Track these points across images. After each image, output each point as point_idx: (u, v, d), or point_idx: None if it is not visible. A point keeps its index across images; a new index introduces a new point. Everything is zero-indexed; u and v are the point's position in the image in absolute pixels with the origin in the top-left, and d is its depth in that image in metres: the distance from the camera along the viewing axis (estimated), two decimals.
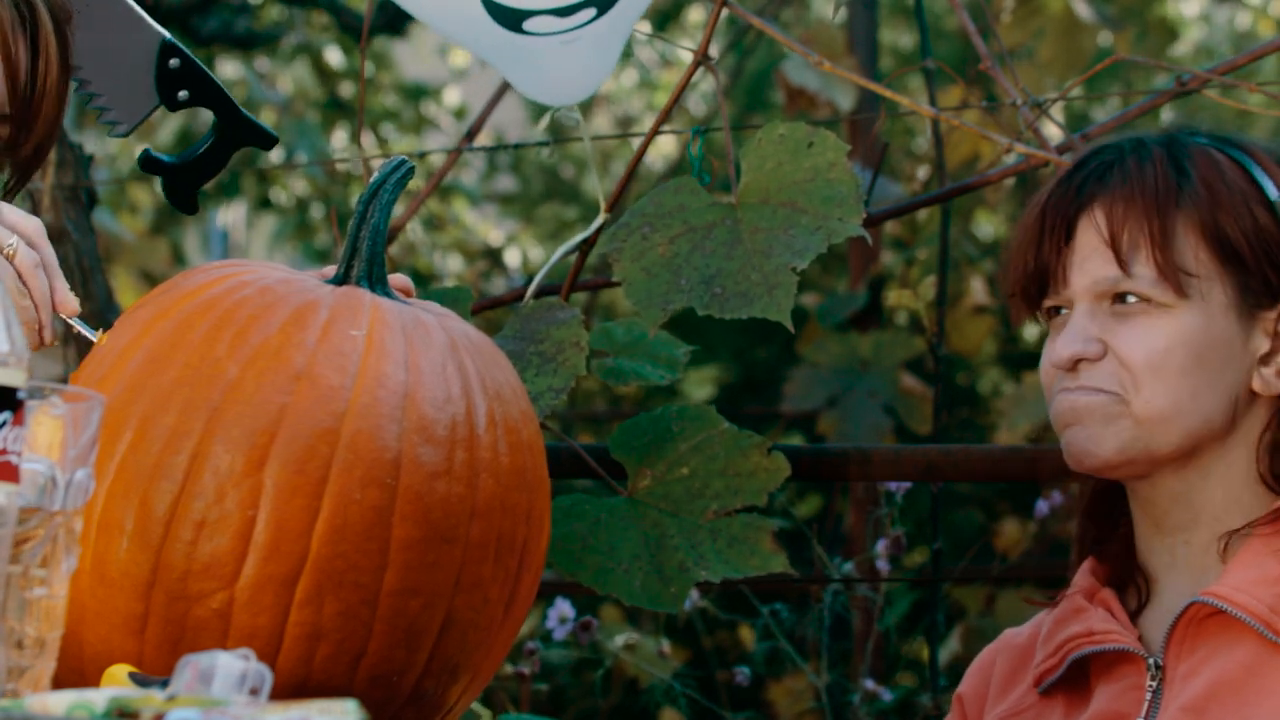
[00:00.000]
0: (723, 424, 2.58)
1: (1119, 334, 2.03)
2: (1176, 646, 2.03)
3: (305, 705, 1.35)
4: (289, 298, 1.82)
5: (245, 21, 6.92)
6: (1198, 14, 7.97)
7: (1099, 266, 2.04)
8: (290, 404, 1.75)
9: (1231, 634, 1.99)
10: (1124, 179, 2.06)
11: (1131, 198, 2.04)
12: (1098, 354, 2.03)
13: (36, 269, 1.92)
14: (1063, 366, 2.04)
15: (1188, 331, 2.02)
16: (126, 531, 1.74)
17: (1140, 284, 2.02)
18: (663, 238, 2.54)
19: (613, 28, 2.67)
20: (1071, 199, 2.07)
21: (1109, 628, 2.08)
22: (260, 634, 1.73)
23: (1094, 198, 2.06)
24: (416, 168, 1.99)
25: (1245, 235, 2.03)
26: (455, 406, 1.81)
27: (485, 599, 1.81)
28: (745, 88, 6.68)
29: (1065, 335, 2.05)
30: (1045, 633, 2.15)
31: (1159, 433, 2.02)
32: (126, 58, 2.16)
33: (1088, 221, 2.05)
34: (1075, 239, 2.06)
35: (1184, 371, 2.01)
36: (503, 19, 2.66)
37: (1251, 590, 1.99)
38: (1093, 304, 2.05)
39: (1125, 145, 2.10)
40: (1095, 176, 2.08)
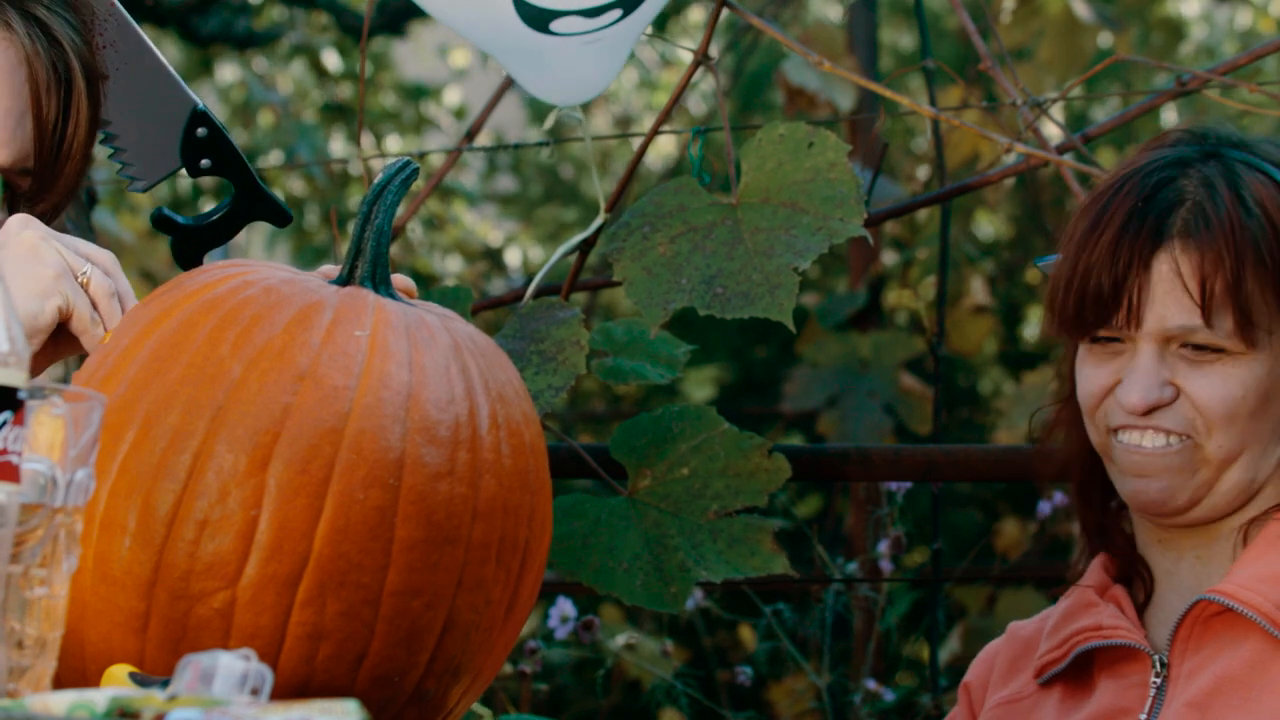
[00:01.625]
0: (723, 424, 2.58)
1: (1194, 380, 2.02)
2: (1182, 643, 2.04)
3: (306, 705, 1.35)
4: (293, 298, 1.82)
5: (245, 22, 6.92)
6: (1198, 14, 7.96)
7: (1178, 312, 2.02)
8: (294, 404, 1.75)
9: (1237, 631, 2.00)
10: (1203, 220, 2.03)
11: (1214, 245, 2.02)
12: (1171, 398, 2.03)
13: (111, 298, 1.96)
14: (1137, 412, 2.03)
15: (1257, 378, 2.03)
16: (129, 530, 1.74)
17: (1219, 335, 2.01)
18: (663, 237, 2.54)
19: (632, 28, 2.67)
20: (1149, 234, 2.03)
21: (1117, 623, 2.08)
22: (262, 634, 1.73)
23: (1177, 238, 2.03)
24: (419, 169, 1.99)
25: None
26: (458, 407, 1.81)
27: (487, 600, 1.81)
28: (745, 88, 6.68)
29: (1136, 379, 2.03)
30: (1052, 624, 2.16)
31: (1227, 473, 2.03)
32: (156, 119, 2.20)
33: (1168, 262, 2.02)
34: (1151, 277, 2.03)
35: (1253, 415, 2.03)
36: (531, 19, 2.66)
37: (1258, 587, 1.99)
38: (1159, 347, 2.03)
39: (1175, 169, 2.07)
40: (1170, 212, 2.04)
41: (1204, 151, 2.08)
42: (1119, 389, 2.05)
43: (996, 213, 6.66)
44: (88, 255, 1.97)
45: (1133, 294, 2.03)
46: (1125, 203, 2.07)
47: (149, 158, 2.21)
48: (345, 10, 6.75)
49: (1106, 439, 2.08)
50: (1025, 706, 2.15)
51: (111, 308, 1.96)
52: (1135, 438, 2.04)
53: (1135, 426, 2.04)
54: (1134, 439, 2.05)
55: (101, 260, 1.98)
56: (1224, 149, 2.09)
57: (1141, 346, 2.04)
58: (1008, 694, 2.18)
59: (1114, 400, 2.06)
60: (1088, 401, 2.09)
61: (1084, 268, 2.06)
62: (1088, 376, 2.09)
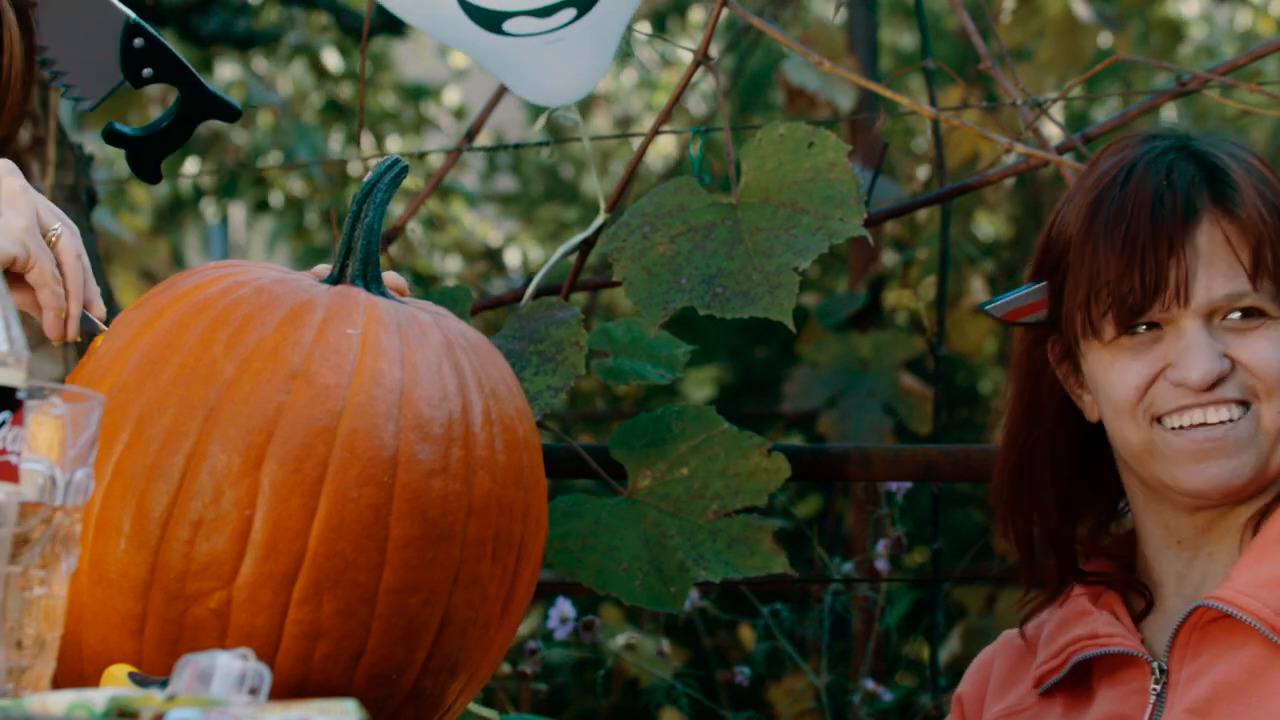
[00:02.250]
0: (723, 424, 2.58)
1: (1247, 347, 2.02)
2: (1180, 650, 2.02)
3: (305, 705, 1.35)
4: (285, 297, 1.82)
5: (245, 22, 6.92)
6: (1198, 14, 7.96)
7: (1223, 281, 2.01)
8: (287, 403, 1.75)
9: (1236, 637, 1.99)
10: (1232, 189, 2.04)
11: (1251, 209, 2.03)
12: (1229, 369, 2.02)
13: (78, 259, 1.94)
14: (1203, 387, 2.01)
15: None
16: (124, 532, 1.74)
17: (1263, 299, 2.02)
18: (663, 237, 2.54)
19: (599, 28, 2.66)
20: (1184, 209, 2.03)
21: (1113, 631, 2.07)
22: (258, 633, 1.73)
23: (1208, 210, 2.03)
24: (416, 168, 1.99)
25: None
26: (451, 404, 1.81)
27: (483, 596, 1.81)
28: (745, 88, 6.68)
29: (1193, 354, 2.01)
30: (1047, 634, 2.14)
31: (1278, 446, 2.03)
32: (91, 37, 2.18)
33: (1207, 233, 2.02)
34: (1190, 253, 2.02)
35: None
36: (481, 20, 2.66)
37: (1257, 593, 1.98)
38: (1205, 321, 2.02)
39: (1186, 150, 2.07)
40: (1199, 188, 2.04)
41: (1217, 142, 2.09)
42: (1172, 371, 2.02)
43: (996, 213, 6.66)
44: (61, 219, 1.96)
45: (1179, 271, 2.01)
46: (1144, 186, 2.06)
47: (90, 76, 2.19)
48: (345, 10, 6.75)
49: (1150, 433, 2.04)
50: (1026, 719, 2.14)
51: (76, 268, 1.94)
52: (1198, 415, 2.02)
53: (1196, 405, 2.02)
54: (1195, 417, 2.02)
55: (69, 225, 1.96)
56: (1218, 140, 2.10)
57: (1186, 325, 2.02)
58: (1006, 706, 2.16)
59: (1162, 386, 2.03)
60: (1128, 398, 2.05)
61: (1114, 259, 2.04)
62: (1122, 374, 2.05)
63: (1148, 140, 2.10)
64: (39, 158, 3.30)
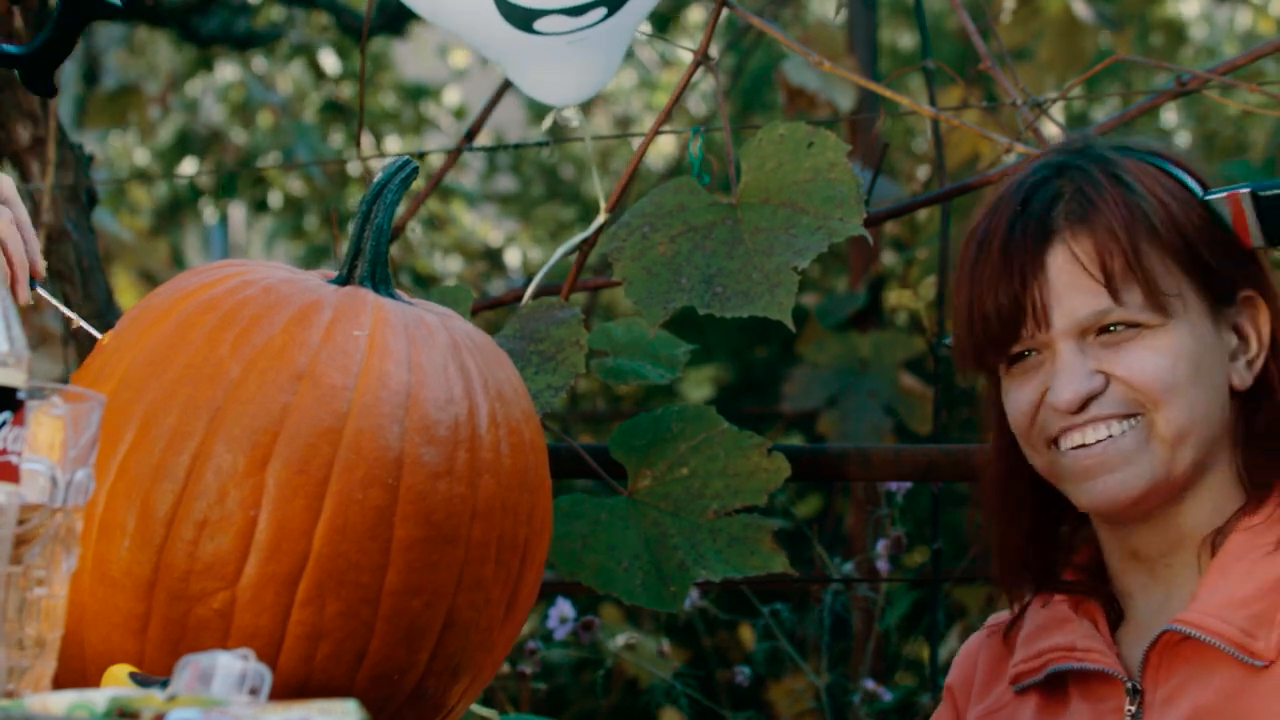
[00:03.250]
0: (723, 424, 2.58)
1: (1119, 362, 2.00)
2: (1153, 672, 2.01)
3: (306, 705, 1.35)
4: (292, 297, 1.82)
5: (245, 22, 6.92)
6: (1198, 14, 7.97)
7: (1085, 300, 1.99)
8: (292, 404, 1.75)
9: (1207, 658, 1.97)
10: (1087, 206, 2.01)
11: (1106, 224, 2.00)
12: (1102, 387, 2.00)
13: (12, 225, 1.92)
14: (1072, 409, 2.00)
15: (1182, 345, 2.00)
16: (128, 531, 1.74)
17: (1131, 311, 1.99)
18: (663, 237, 2.54)
19: (620, 27, 2.67)
20: (1035, 235, 2.01)
21: (1090, 645, 2.06)
22: (261, 633, 1.73)
23: (1064, 231, 2.01)
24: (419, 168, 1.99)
25: (1200, 239, 2.01)
26: (457, 407, 1.80)
27: (487, 599, 1.81)
28: (745, 88, 6.68)
29: (1063, 377, 2.00)
30: (1026, 634, 2.14)
31: (1179, 452, 2.00)
32: None
33: (1062, 255, 2.00)
34: (1048, 276, 2.00)
35: (1190, 383, 1.99)
36: (514, 18, 2.66)
37: (1223, 614, 1.96)
38: (1077, 341, 2.00)
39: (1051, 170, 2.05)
40: (1053, 208, 2.02)
41: (1075, 152, 2.07)
42: (1048, 395, 2.01)
43: None
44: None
45: (1035, 297, 2.00)
46: (1004, 214, 2.05)
47: None
48: (345, 10, 6.75)
49: (1048, 455, 2.04)
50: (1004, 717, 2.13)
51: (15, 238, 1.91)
52: (1077, 438, 2.00)
53: (1074, 426, 2.00)
54: (1075, 439, 2.01)
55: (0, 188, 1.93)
56: (1094, 148, 2.07)
57: (1059, 347, 2.00)
58: (985, 707, 2.16)
59: (1046, 409, 2.02)
60: (1020, 424, 2.05)
61: (980, 290, 2.03)
62: (1013, 400, 2.05)
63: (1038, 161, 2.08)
64: (39, 158, 3.30)
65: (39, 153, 3.30)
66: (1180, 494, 2.02)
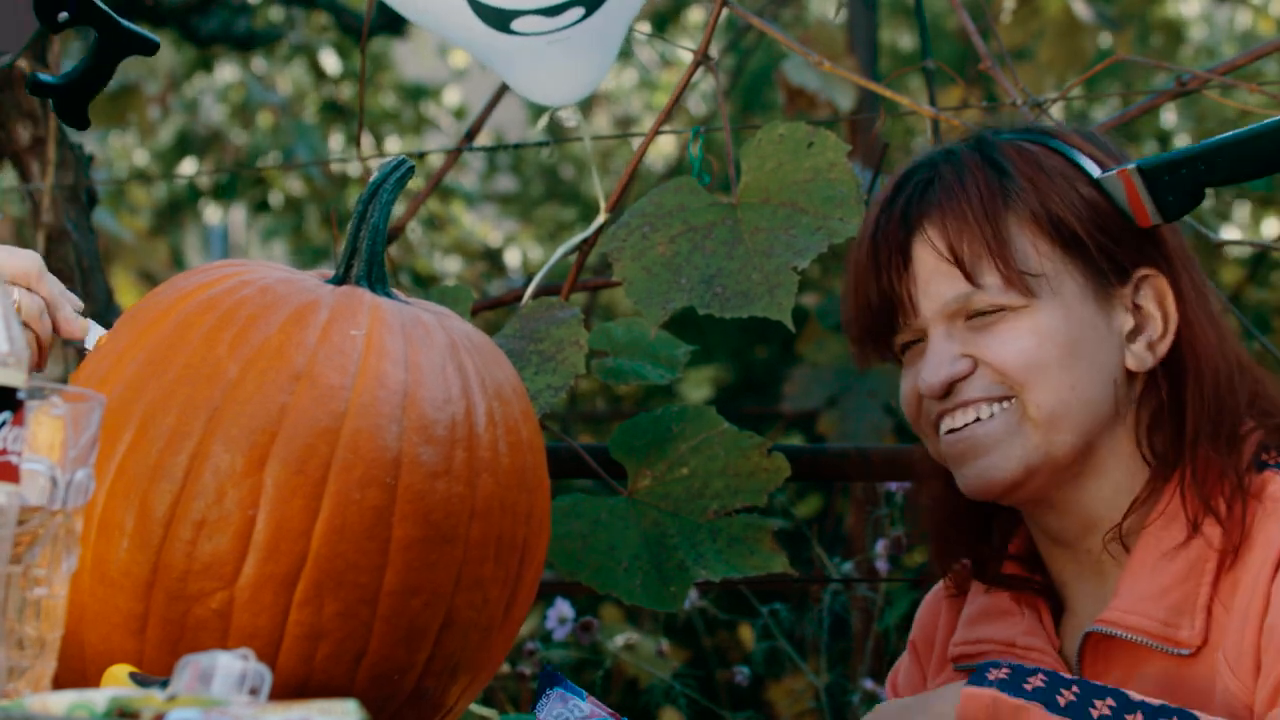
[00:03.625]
0: (723, 424, 2.58)
1: (984, 345, 1.98)
2: (1091, 668, 2.00)
3: (306, 705, 1.35)
4: (289, 297, 1.82)
5: (245, 22, 6.92)
6: (1198, 14, 7.96)
7: (944, 287, 1.99)
8: (290, 403, 1.75)
9: (1137, 653, 1.96)
10: (947, 192, 2.00)
11: (960, 209, 1.99)
12: (968, 370, 1.99)
13: (41, 316, 1.95)
14: (936, 394, 1.99)
15: (1050, 326, 1.97)
16: (126, 531, 1.74)
17: (990, 294, 1.97)
18: (663, 237, 2.54)
19: (603, 27, 2.66)
20: (898, 224, 2.02)
21: (1031, 643, 2.04)
22: (260, 634, 1.73)
23: (922, 218, 2.01)
24: (416, 168, 1.99)
25: (1079, 218, 1.99)
26: (455, 406, 1.80)
27: (485, 599, 1.81)
28: (745, 88, 6.68)
29: (929, 362, 2.00)
30: (968, 614, 2.11)
31: (1055, 435, 1.97)
32: None
33: (922, 244, 2.00)
34: (913, 265, 2.00)
35: (1061, 365, 1.96)
36: (490, 19, 2.66)
37: (1142, 609, 1.95)
38: (947, 326, 1.99)
39: (937, 158, 2.05)
40: (917, 196, 2.02)
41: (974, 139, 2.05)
42: (918, 380, 2.01)
43: None
44: (12, 275, 1.95)
45: (904, 286, 2.00)
46: (877, 206, 2.06)
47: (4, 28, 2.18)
48: (345, 10, 6.75)
49: (936, 441, 2.03)
50: None
51: (42, 326, 1.95)
52: (949, 421, 2.00)
53: (945, 411, 2.00)
54: (946, 423, 2.00)
55: (23, 272, 1.95)
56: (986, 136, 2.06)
57: (931, 331, 2.00)
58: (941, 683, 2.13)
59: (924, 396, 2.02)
60: (909, 411, 2.05)
61: (857, 282, 2.04)
62: (903, 387, 2.06)
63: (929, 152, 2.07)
64: (39, 158, 3.30)
65: (39, 153, 3.30)
66: (1075, 478, 1.99)
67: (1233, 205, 6.93)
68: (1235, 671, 1.90)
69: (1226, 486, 1.95)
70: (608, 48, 2.70)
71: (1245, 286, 5.98)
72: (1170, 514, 1.97)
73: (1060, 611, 2.08)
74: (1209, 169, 1.99)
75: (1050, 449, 1.97)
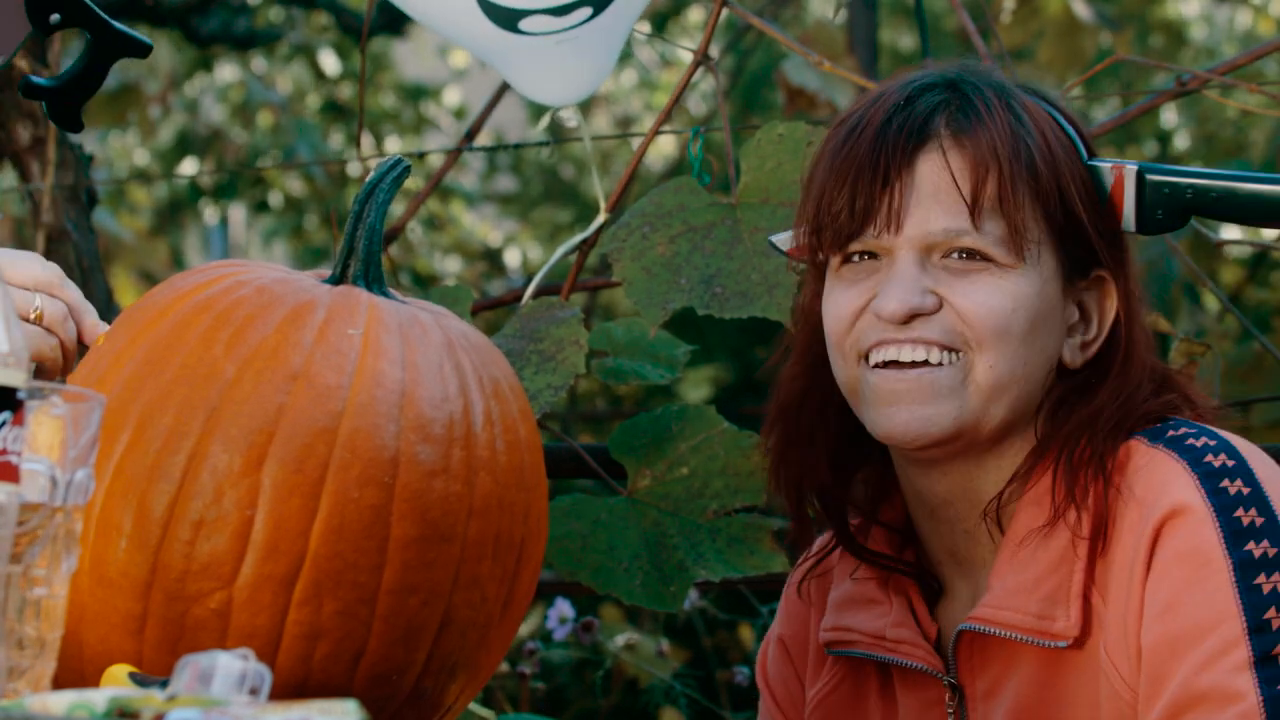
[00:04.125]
0: (722, 424, 2.58)
1: (959, 289, 1.87)
2: (967, 666, 1.93)
3: (305, 705, 1.35)
4: (286, 297, 1.82)
5: (245, 22, 6.93)
6: (1198, 14, 7.97)
7: (944, 215, 1.87)
8: (288, 403, 1.75)
9: (1014, 648, 1.89)
10: (978, 120, 1.88)
11: (989, 143, 1.87)
12: (934, 307, 1.87)
13: (65, 321, 1.95)
14: (897, 320, 1.86)
15: (1027, 295, 1.88)
16: (125, 532, 1.74)
17: (986, 241, 1.87)
18: (663, 237, 2.55)
19: (609, 27, 2.67)
20: (913, 133, 1.88)
21: (902, 635, 1.96)
22: (259, 633, 1.73)
23: (939, 136, 1.89)
24: (416, 168, 1.98)
25: (1080, 200, 1.90)
26: (452, 405, 1.80)
27: (483, 597, 1.81)
28: (745, 88, 6.68)
29: (896, 284, 1.87)
30: (835, 598, 2.03)
31: (992, 405, 1.88)
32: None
33: (935, 162, 1.88)
34: (915, 178, 1.88)
35: (1023, 339, 1.87)
36: (498, 18, 2.66)
37: (1014, 603, 1.87)
38: (920, 255, 1.88)
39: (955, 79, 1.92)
40: (940, 111, 1.89)
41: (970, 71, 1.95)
42: (875, 301, 1.88)
43: None
44: (33, 284, 1.95)
45: (894, 198, 1.87)
46: (884, 106, 1.91)
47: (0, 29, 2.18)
48: (345, 10, 6.76)
49: (856, 370, 1.90)
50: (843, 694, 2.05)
51: (66, 331, 1.96)
52: (892, 352, 1.87)
53: (892, 340, 1.87)
54: (890, 353, 1.87)
55: (46, 284, 1.96)
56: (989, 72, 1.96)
57: (901, 255, 1.88)
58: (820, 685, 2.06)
59: (868, 319, 1.89)
60: (837, 328, 1.91)
61: (839, 176, 1.90)
62: (835, 301, 1.92)
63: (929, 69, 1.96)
64: (39, 158, 3.30)
65: (39, 153, 3.30)
66: (982, 454, 1.91)
67: None
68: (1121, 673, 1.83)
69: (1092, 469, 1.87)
70: (612, 47, 2.71)
71: (1245, 286, 5.98)
72: (1039, 496, 1.89)
73: (935, 593, 2.00)
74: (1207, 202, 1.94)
75: (982, 417, 1.88)
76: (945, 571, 2.00)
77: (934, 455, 1.91)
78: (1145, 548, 1.82)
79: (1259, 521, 1.79)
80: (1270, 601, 1.77)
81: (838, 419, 2.00)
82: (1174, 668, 1.78)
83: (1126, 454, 1.88)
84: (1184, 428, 1.88)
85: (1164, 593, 1.80)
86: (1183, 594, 1.79)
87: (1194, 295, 5.31)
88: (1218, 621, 1.77)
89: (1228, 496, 1.81)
